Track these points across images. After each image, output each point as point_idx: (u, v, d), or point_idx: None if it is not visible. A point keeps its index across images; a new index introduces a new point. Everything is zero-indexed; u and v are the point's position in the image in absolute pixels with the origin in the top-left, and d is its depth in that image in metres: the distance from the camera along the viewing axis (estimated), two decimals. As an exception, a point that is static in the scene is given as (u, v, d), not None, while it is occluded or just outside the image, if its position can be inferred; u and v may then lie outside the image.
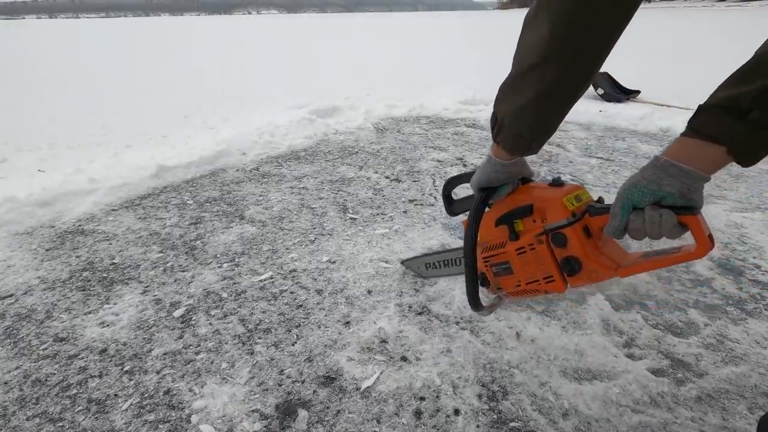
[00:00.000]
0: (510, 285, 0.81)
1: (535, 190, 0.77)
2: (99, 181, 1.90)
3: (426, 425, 0.84)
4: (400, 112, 3.26)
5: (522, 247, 0.75)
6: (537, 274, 0.75)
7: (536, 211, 0.73)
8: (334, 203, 1.78)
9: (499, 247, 0.79)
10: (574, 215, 0.69)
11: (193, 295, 1.22)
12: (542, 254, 0.72)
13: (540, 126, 0.67)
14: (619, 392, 0.90)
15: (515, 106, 0.65)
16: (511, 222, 0.76)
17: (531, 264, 0.75)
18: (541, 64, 0.59)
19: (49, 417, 0.86)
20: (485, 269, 0.84)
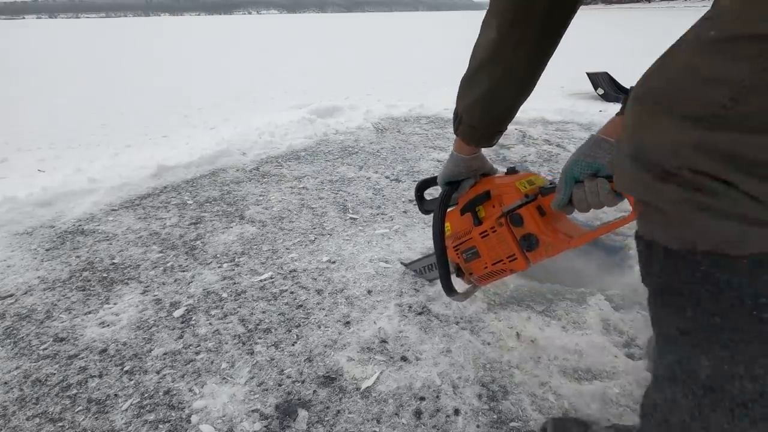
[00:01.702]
0: (479, 268, 0.87)
1: (493, 179, 0.86)
2: (99, 181, 1.90)
3: (426, 425, 0.84)
4: (400, 112, 3.26)
5: (485, 230, 0.82)
6: (501, 254, 0.81)
7: (494, 197, 0.81)
8: (334, 203, 1.78)
9: (466, 234, 0.86)
10: (527, 196, 0.77)
11: (193, 295, 1.22)
12: (503, 235, 0.79)
13: (491, 117, 0.74)
14: (619, 392, 0.90)
15: (470, 101, 0.72)
16: (473, 209, 0.83)
17: (495, 245, 0.81)
18: (490, 62, 0.66)
19: (49, 417, 0.86)
20: (457, 258, 0.91)
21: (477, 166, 0.86)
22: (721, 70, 0.37)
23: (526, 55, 0.64)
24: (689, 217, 0.42)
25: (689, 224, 0.42)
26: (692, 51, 0.40)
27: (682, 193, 0.41)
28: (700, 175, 0.39)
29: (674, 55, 0.42)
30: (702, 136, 0.38)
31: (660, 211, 0.44)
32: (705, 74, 0.38)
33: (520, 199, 0.77)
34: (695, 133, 0.39)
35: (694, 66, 0.39)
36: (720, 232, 0.41)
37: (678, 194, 0.41)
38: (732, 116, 0.36)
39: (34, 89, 4.87)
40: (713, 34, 0.38)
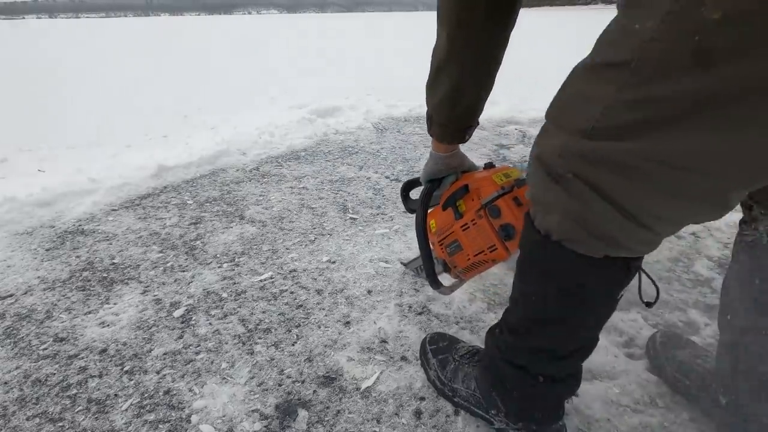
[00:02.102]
0: (462, 260, 0.90)
1: (472, 175, 0.90)
2: (99, 181, 1.90)
3: (426, 425, 0.84)
4: (400, 112, 3.26)
5: (465, 223, 0.85)
6: (482, 245, 0.84)
7: (473, 191, 0.85)
8: (334, 203, 1.78)
9: (448, 228, 0.90)
10: (503, 188, 0.81)
11: (193, 295, 1.22)
12: (483, 226, 0.82)
13: (458, 115, 0.80)
14: (619, 392, 0.90)
15: (436, 101, 0.79)
16: (454, 203, 0.87)
17: (475, 237, 0.84)
18: (446, 64, 0.72)
19: (49, 417, 0.86)
20: (442, 253, 0.94)
21: (456, 164, 0.92)
22: (593, 90, 0.46)
23: (477, 54, 0.70)
24: (557, 214, 0.53)
25: (555, 219, 0.54)
26: (577, 75, 0.49)
27: (561, 194, 0.51)
28: (578, 180, 0.49)
29: (569, 78, 0.51)
30: (582, 145, 0.47)
31: (542, 203, 0.56)
32: (584, 94, 0.47)
33: (496, 191, 0.80)
34: (578, 142, 0.48)
35: (577, 88, 0.49)
36: (569, 231, 0.53)
37: (558, 194, 0.51)
38: (603, 128, 0.45)
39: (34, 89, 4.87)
40: (588, 61, 0.47)
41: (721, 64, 0.36)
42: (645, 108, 0.41)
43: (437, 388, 0.90)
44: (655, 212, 0.47)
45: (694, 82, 0.38)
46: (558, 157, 0.50)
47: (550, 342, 0.64)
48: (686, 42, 0.37)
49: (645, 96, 0.41)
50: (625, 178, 0.45)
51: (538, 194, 0.56)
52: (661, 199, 0.45)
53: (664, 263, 1.34)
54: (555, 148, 0.51)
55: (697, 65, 0.37)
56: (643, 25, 0.40)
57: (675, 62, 0.39)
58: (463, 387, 0.85)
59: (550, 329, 0.63)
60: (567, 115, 0.50)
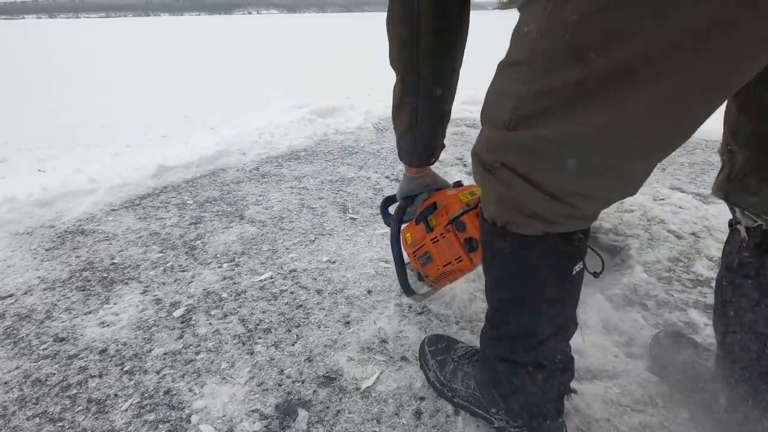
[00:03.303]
0: (433, 270, 0.97)
1: (441, 193, 0.98)
2: (99, 181, 1.90)
3: (426, 425, 0.84)
4: (400, 112, 3.26)
5: (435, 237, 0.92)
6: (450, 257, 0.90)
7: (442, 207, 0.92)
8: (334, 203, 1.78)
9: (420, 241, 0.97)
10: (468, 205, 0.88)
11: (193, 295, 1.22)
12: (450, 240, 0.89)
13: (419, 143, 0.88)
14: (619, 392, 0.90)
15: (400, 131, 0.87)
16: (425, 219, 0.94)
17: (444, 249, 0.91)
18: (402, 104, 0.82)
19: (49, 417, 0.86)
20: (416, 264, 1.01)
21: (427, 182, 1.00)
22: (506, 87, 0.51)
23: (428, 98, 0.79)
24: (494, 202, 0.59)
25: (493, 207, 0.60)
26: (496, 74, 0.54)
27: (494, 183, 0.57)
28: (505, 169, 0.54)
29: (493, 78, 0.55)
30: (504, 136, 0.53)
31: (484, 194, 0.62)
32: (501, 91, 0.53)
33: (461, 208, 0.88)
34: (500, 134, 0.53)
35: (496, 85, 0.54)
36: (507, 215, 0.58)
37: (492, 184, 0.57)
38: (517, 119, 0.50)
39: (34, 89, 4.87)
40: (502, 61, 0.53)
41: (591, 57, 0.42)
42: (544, 98, 0.47)
43: (437, 389, 0.90)
44: (569, 189, 0.52)
45: (574, 74, 0.44)
46: (488, 151, 0.56)
47: (523, 327, 0.66)
48: (560, 41, 0.43)
49: (541, 89, 0.47)
50: (539, 162, 0.51)
51: (479, 186, 0.62)
52: (570, 177, 0.50)
53: (664, 263, 1.34)
54: (485, 142, 0.57)
55: (573, 60, 0.43)
56: (530, 27, 0.46)
57: (556, 58, 0.44)
58: (462, 387, 0.85)
59: (519, 314, 0.66)
60: (491, 111, 0.55)
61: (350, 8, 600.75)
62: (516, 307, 0.66)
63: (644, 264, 1.34)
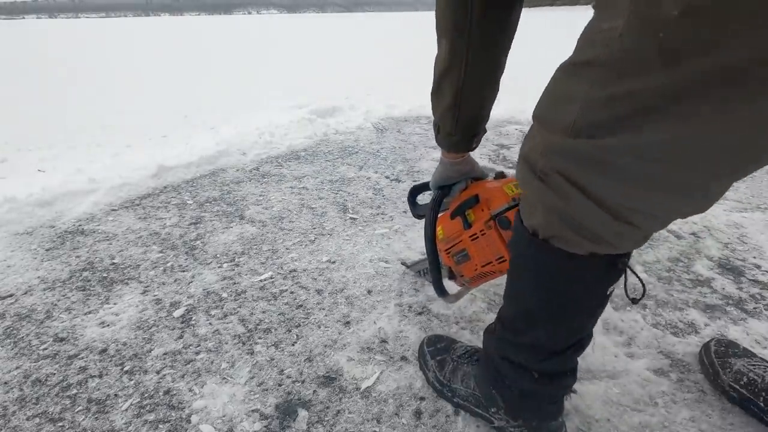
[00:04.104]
0: (469, 270, 0.90)
1: (482, 184, 0.89)
2: (99, 181, 1.90)
3: (426, 425, 0.84)
4: (400, 112, 3.26)
5: (475, 233, 0.84)
6: (490, 256, 0.84)
7: (483, 201, 0.84)
8: (334, 203, 1.78)
9: (456, 237, 0.89)
10: (514, 200, 0.80)
11: (193, 295, 1.22)
12: (492, 237, 0.81)
13: (463, 125, 0.79)
14: (619, 392, 0.90)
15: (441, 111, 0.79)
16: (463, 213, 0.86)
17: (484, 248, 0.84)
18: (448, 73, 0.73)
19: (49, 417, 0.86)
20: (449, 261, 0.94)
21: (466, 170, 0.91)
22: (571, 89, 0.47)
23: (477, 60, 0.70)
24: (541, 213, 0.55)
25: (540, 217, 0.55)
26: (558, 75, 0.50)
27: (545, 191, 0.52)
28: (560, 177, 0.50)
29: (552, 78, 0.51)
30: (564, 143, 0.48)
31: (528, 201, 0.57)
32: (564, 93, 0.48)
33: (507, 203, 0.79)
34: (560, 140, 0.48)
35: (558, 87, 0.50)
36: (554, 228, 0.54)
37: (541, 192, 0.53)
38: (582, 126, 0.46)
39: (34, 89, 4.87)
40: (567, 61, 0.48)
41: (685, 60, 0.37)
42: (617, 104, 0.42)
43: (436, 389, 0.90)
44: (633, 206, 0.48)
45: (661, 78, 0.39)
46: (541, 156, 0.51)
47: (543, 339, 0.65)
48: (650, 39, 0.38)
49: (616, 93, 0.42)
50: (603, 174, 0.46)
51: (525, 192, 0.58)
52: (638, 193, 0.46)
53: (664, 263, 1.34)
54: (539, 147, 0.52)
55: (662, 62, 0.38)
56: (611, 24, 0.41)
57: (642, 59, 0.39)
58: (462, 386, 0.85)
59: (542, 326, 0.64)
60: (550, 115, 0.51)
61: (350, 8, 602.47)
62: (540, 319, 0.64)
63: (644, 264, 1.34)
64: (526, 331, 0.66)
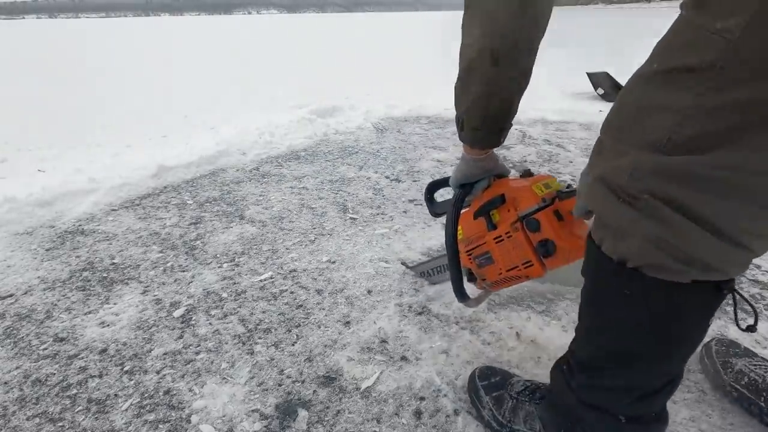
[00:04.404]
0: (492, 274, 0.84)
1: (508, 182, 0.83)
2: (99, 181, 1.90)
3: (426, 425, 0.84)
4: (400, 112, 3.26)
5: (500, 235, 0.79)
6: (516, 260, 0.78)
7: (509, 201, 0.78)
8: (334, 203, 1.78)
9: (479, 238, 0.84)
10: (544, 201, 0.74)
11: (193, 295, 1.22)
12: (519, 240, 0.76)
13: (491, 118, 0.73)
14: (619, 392, 0.90)
15: (468, 103, 0.73)
16: (487, 213, 0.80)
17: (509, 251, 0.78)
18: (479, 61, 0.66)
19: (49, 417, 0.86)
20: (470, 263, 0.88)
21: (490, 167, 0.84)
22: (665, 100, 0.41)
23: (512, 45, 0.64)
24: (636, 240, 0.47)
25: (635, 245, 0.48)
26: (641, 85, 0.45)
27: (637, 217, 0.46)
28: (655, 200, 0.44)
29: (628, 89, 0.46)
30: (657, 161, 0.43)
31: (612, 227, 0.50)
32: (653, 104, 0.43)
33: (537, 204, 0.74)
34: (651, 158, 0.43)
35: (643, 98, 0.44)
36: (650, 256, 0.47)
37: (633, 217, 0.46)
38: (680, 140, 0.40)
39: (34, 89, 4.87)
40: (655, 67, 0.43)
41: None
42: (732, 114, 0.37)
43: (493, 429, 0.80)
44: (754, 230, 0.42)
45: None
46: (629, 177, 0.45)
47: (632, 379, 0.57)
48: None
49: (731, 101, 0.37)
50: (716, 194, 0.40)
51: (606, 218, 0.50)
52: (760, 214, 0.41)
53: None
54: (623, 168, 0.45)
55: None
56: (727, 22, 0.36)
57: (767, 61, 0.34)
58: (526, 428, 0.76)
59: (632, 365, 0.56)
60: (633, 130, 0.45)
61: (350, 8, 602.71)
62: (629, 357, 0.56)
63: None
64: (610, 372, 0.58)
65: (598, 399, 0.61)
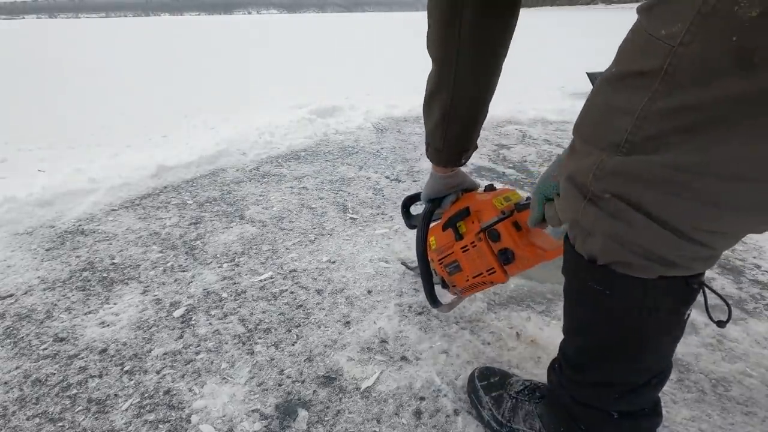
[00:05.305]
0: (461, 281, 0.91)
1: (473, 196, 0.91)
2: (99, 181, 1.90)
3: (426, 425, 0.84)
4: (400, 112, 3.26)
5: (465, 245, 0.85)
6: (481, 268, 0.84)
7: (473, 213, 0.85)
8: (334, 203, 1.78)
9: (448, 248, 0.90)
10: (503, 213, 0.81)
11: (193, 295, 1.22)
12: (482, 249, 0.82)
13: (450, 142, 0.80)
14: (619, 392, 0.90)
15: (431, 126, 0.79)
16: (454, 225, 0.87)
17: (474, 259, 0.85)
18: (438, 91, 0.73)
19: (49, 417, 0.86)
20: (441, 271, 0.95)
21: (456, 183, 0.91)
22: (622, 102, 0.43)
23: (466, 84, 0.70)
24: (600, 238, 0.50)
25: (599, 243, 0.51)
26: (602, 87, 0.46)
27: (600, 216, 0.48)
28: (617, 200, 0.45)
29: (595, 91, 0.48)
30: (617, 162, 0.44)
31: (580, 226, 0.52)
32: (614, 106, 0.44)
33: (497, 216, 0.81)
34: (612, 159, 0.45)
35: (604, 101, 0.46)
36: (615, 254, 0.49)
37: (595, 216, 0.48)
38: (637, 141, 0.42)
39: (34, 89, 4.87)
40: (613, 72, 0.44)
41: (765, 65, 0.33)
42: (682, 116, 0.38)
43: (492, 428, 0.81)
44: (708, 227, 0.43)
45: (735, 86, 0.35)
46: (592, 177, 0.47)
47: (613, 375, 0.59)
48: (722, 43, 0.35)
49: (681, 104, 0.38)
50: (670, 194, 0.42)
51: (574, 217, 0.52)
52: (712, 212, 0.42)
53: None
54: (587, 167, 0.47)
55: (736, 67, 0.35)
56: (670, 29, 0.37)
57: (711, 66, 0.36)
58: (525, 427, 0.77)
59: (614, 360, 0.58)
60: (596, 131, 0.47)
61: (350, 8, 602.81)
62: (608, 354, 0.58)
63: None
64: (595, 368, 0.60)
65: (586, 396, 0.63)
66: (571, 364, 0.64)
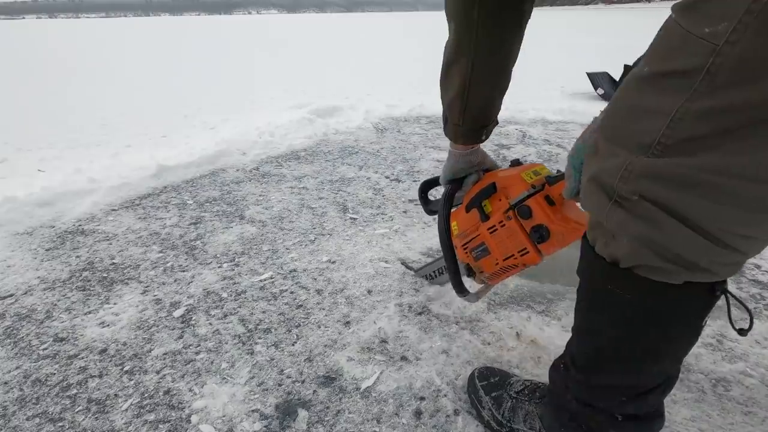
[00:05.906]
0: (489, 265, 0.84)
1: (497, 173, 0.84)
2: (99, 181, 1.90)
3: (426, 425, 0.84)
4: (400, 112, 3.26)
5: (493, 225, 0.79)
6: (512, 249, 0.78)
7: (500, 191, 0.79)
8: (334, 203, 1.78)
9: (473, 231, 0.83)
10: (533, 187, 0.74)
11: (193, 295, 1.22)
12: (512, 228, 0.76)
13: (470, 113, 0.75)
14: (619, 392, 0.90)
15: (449, 100, 0.75)
16: (479, 204, 0.80)
17: (504, 240, 0.78)
18: (456, 59, 0.69)
19: (49, 417, 0.86)
20: (467, 257, 0.88)
21: (477, 161, 0.85)
22: (655, 102, 0.41)
23: (488, 47, 0.66)
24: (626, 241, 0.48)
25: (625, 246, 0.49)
26: (633, 87, 0.44)
27: (627, 218, 0.46)
28: (646, 202, 0.44)
29: (622, 90, 0.46)
30: (647, 163, 0.43)
31: (603, 228, 0.51)
32: (644, 107, 0.43)
33: (527, 190, 0.74)
34: (641, 160, 0.43)
35: (635, 100, 0.44)
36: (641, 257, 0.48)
37: (623, 219, 0.47)
38: (670, 143, 0.41)
39: (34, 89, 4.87)
40: (645, 71, 0.43)
41: None
42: (724, 118, 0.37)
43: (492, 429, 0.81)
44: (744, 232, 0.42)
45: None
46: (620, 179, 0.45)
47: (626, 379, 0.58)
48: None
49: (724, 104, 0.37)
50: (704, 197, 0.41)
51: (598, 219, 0.51)
52: (752, 217, 0.41)
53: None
54: (614, 169, 0.46)
55: None
56: (715, 27, 0.36)
57: (759, 65, 0.35)
58: (525, 427, 0.76)
59: (626, 364, 0.57)
60: (625, 132, 0.45)
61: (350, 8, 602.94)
62: (621, 357, 0.57)
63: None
64: (605, 371, 0.59)
65: (593, 398, 0.62)
66: (579, 365, 0.62)
